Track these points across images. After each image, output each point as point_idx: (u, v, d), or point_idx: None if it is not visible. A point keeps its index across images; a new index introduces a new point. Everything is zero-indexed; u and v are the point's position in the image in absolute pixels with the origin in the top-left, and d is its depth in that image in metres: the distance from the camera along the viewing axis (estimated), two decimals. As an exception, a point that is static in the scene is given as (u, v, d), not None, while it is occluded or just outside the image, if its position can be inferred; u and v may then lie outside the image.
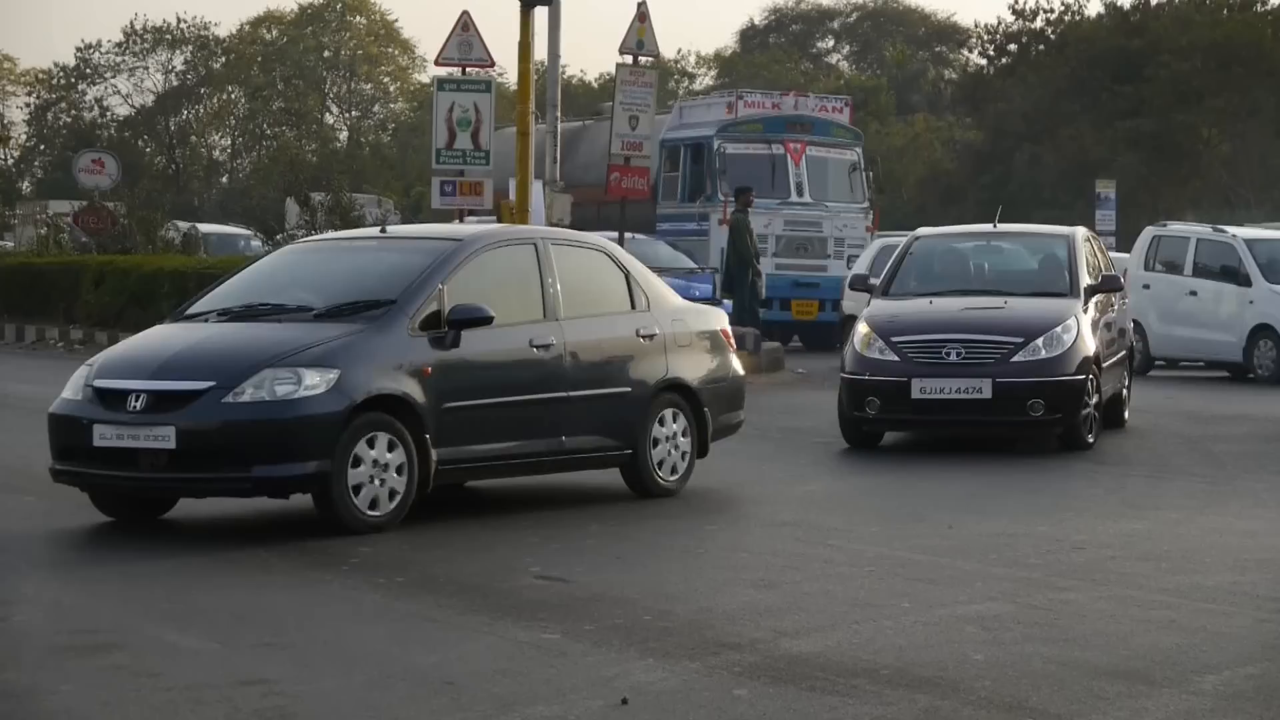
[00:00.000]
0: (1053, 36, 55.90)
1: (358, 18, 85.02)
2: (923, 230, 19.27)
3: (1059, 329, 15.69)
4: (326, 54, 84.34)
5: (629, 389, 12.46)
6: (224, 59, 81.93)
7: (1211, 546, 10.87)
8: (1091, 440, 15.83)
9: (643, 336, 12.64)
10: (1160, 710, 7.02)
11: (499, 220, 26.35)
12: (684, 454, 12.85)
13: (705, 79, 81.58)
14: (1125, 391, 18.13)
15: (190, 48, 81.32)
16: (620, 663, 7.68)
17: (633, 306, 12.78)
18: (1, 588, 9.32)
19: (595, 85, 73.68)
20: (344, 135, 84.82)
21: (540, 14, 24.61)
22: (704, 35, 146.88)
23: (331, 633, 8.35)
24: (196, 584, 9.50)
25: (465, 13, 24.61)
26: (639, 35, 24.87)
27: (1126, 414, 18.12)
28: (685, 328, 13.06)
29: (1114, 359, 17.32)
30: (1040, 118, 53.51)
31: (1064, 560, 10.39)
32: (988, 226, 18.88)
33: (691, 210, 31.66)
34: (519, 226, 13.94)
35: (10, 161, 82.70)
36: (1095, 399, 15.93)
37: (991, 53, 58.65)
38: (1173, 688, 7.34)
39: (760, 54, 78.33)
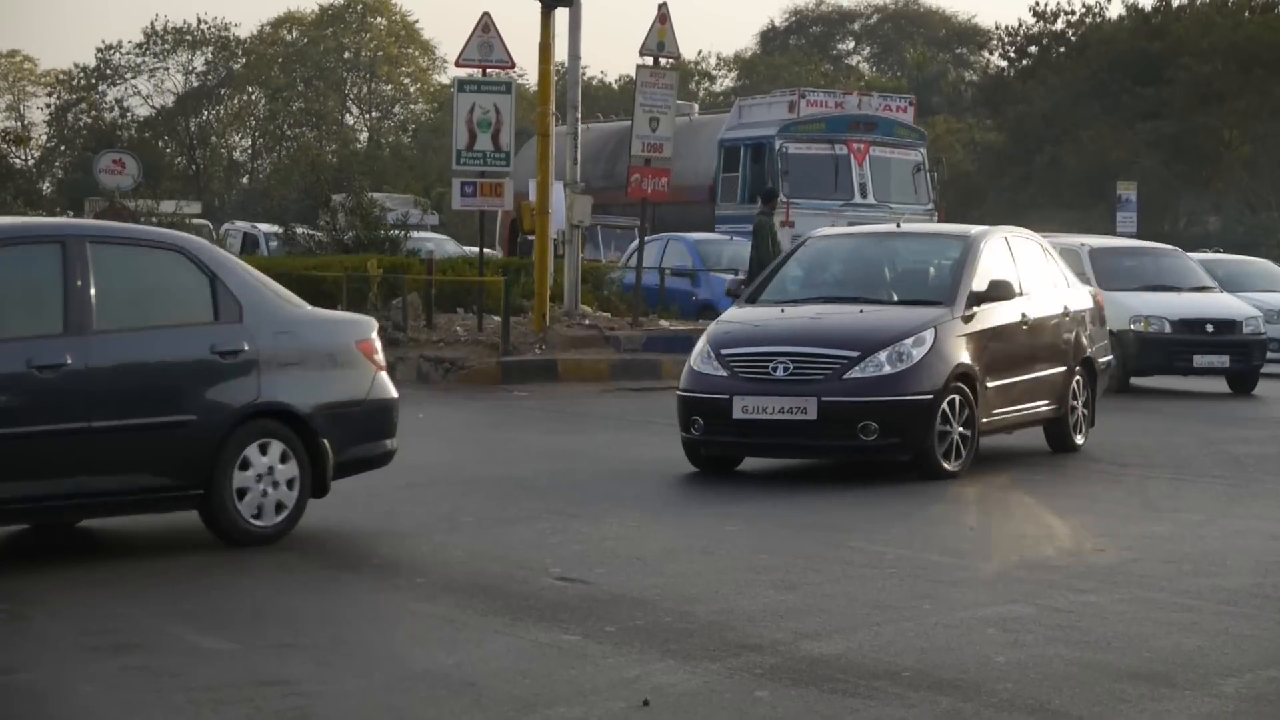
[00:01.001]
0: (1073, 38, 55.97)
1: (378, 19, 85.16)
2: (818, 230, 17.46)
3: (908, 342, 13.69)
4: (347, 55, 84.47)
5: (194, 417, 10.24)
6: (244, 60, 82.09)
7: (1233, 549, 10.84)
8: (953, 468, 13.77)
9: (220, 354, 10.40)
10: (1182, 713, 7.02)
11: (520, 222, 26.32)
12: (290, 491, 10.63)
13: (725, 80, 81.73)
14: (1079, 409, 16.03)
15: (211, 49, 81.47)
16: (641, 664, 7.68)
17: (216, 318, 10.51)
18: (23, 588, 9.34)
19: (615, 87, 73.75)
20: (364, 136, 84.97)
21: (561, 15, 24.68)
22: (724, 37, 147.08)
23: (352, 633, 8.36)
24: (217, 584, 9.52)
25: (486, 14, 24.62)
26: (659, 37, 24.89)
27: (1080, 439, 16.02)
28: (295, 342, 10.75)
29: (1032, 375, 15.24)
30: (1061, 119, 53.49)
31: (1085, 562, 10.37)
32: (889, 226, 17.63)
33: (752, 211, 31.24)
34: (41, 220, 11.51)
35: (31, 162, 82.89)
36: (962, 421, 13.86)
37: (1012, 54, 58.74)
38: (1194, 690, 7.33)
39: (780, 55, 78.44)
